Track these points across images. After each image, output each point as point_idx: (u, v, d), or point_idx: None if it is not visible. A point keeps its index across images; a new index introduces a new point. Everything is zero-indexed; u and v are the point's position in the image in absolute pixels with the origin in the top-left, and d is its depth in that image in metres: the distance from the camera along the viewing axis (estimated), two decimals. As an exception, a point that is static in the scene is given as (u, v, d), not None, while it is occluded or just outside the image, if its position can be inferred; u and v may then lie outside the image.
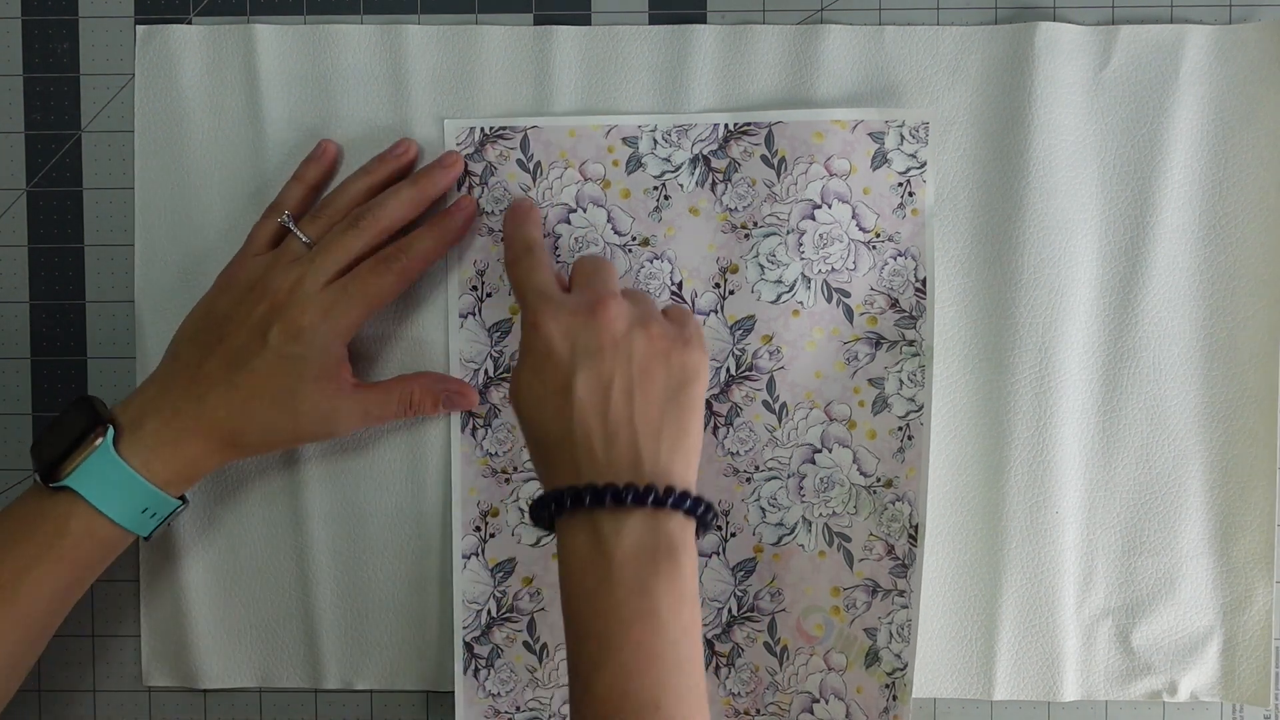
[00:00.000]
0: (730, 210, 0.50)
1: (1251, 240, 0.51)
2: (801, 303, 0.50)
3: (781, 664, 0.51)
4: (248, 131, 0.52)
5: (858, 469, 0.50)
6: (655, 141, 0.50)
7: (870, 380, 0.50)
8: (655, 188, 0.50)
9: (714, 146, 0.50)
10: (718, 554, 0.51)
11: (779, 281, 0.50)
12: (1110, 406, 0.51)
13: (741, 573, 0.51)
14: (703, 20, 0.52)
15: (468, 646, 0.51)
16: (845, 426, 0.50)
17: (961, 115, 0.51)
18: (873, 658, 0.50)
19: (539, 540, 0.51)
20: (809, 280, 0.50)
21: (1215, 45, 0.50)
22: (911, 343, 0.50)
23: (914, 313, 0.50)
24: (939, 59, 0.51)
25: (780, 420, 0.50)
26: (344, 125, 0.52)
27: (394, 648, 0.53)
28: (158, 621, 0.53)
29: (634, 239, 0.50)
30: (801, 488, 0.50)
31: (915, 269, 0.50)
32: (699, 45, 0.51)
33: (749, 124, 0.50)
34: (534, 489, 0.50)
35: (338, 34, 0.51)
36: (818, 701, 0.50)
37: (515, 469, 0.51)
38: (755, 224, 0.50)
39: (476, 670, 0.51)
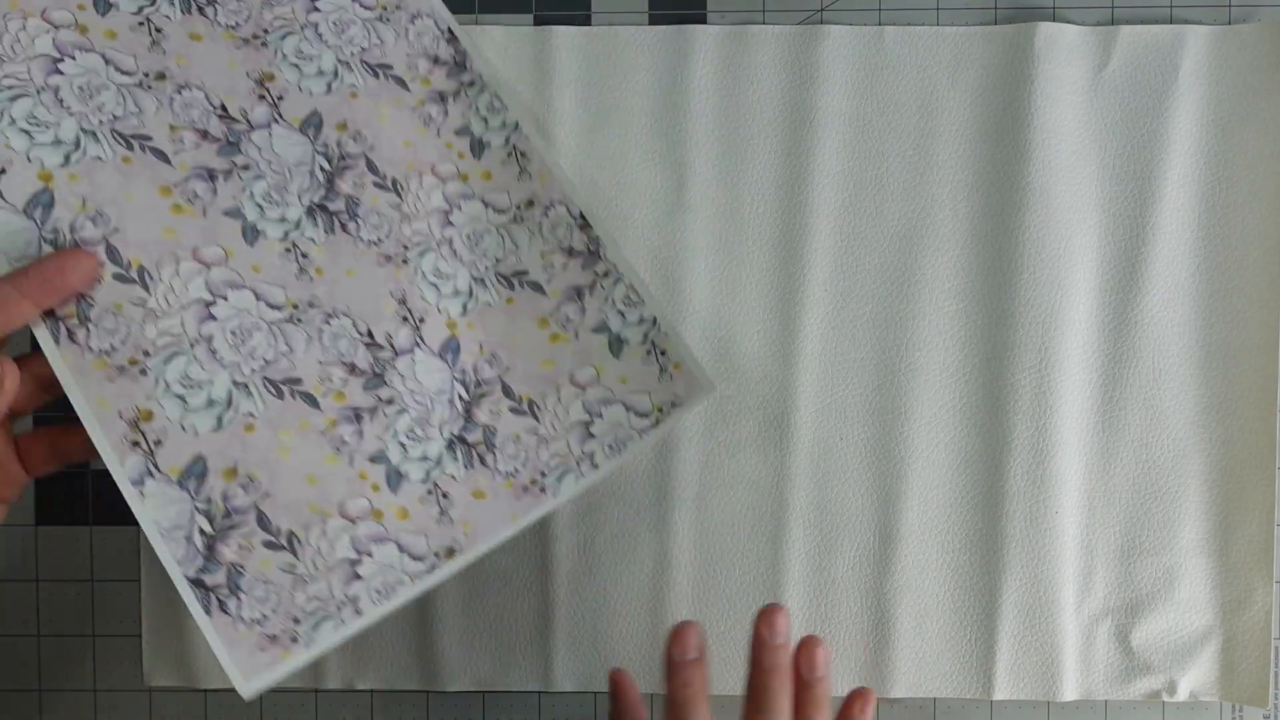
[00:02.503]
0: (232, 28, 0.48)
1: (1250, 241, 0.51)
2: (353, 85, 0.49)
3: (538, 417, 0.48)
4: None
5: (491, 210, 0.50)
6: None
7: (455, 131, 0.50)
8: (140, 24, 0.47)
9: None
10: (418, 347, 0.47)
11: (320, 72, 0.49)
12: (1109, 406, 0.51)
13: (450, 355, 0.48)
14: (703, 20, 0.52)
15: (196, 583, 0.42)
16: (459, 180, 0.49)
17: (961, 115, 0.51)
18: (617, 342, 0.48)
19: (219, 421, 0.43)
20: (347, 64, 0.49)
21: (1214, 46, 0.50)
22: (472, 84, 0.50)
23: (458, 60, 0.50)
24: (938, 60, 0.51)
25: (400, 195, 0.49)
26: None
27: (395, 648, 0.53)
28: (158, 621, 0.53)
29: (146, 75, 0.46)
30: (455, 251, 0.49)
31: (435, 23, 0.50)
32: (698, 46, 0.51)
33: None
34: (182, 365, 0.43)
35: (337, 34, 0.51)
36: (592, 423, 0.48)
37: (146, 353, 0.43)
38: (266, 31, 0.48)
39: (222, 604, 0.42)
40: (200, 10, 0.47)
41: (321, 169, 0.47)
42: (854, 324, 0.51)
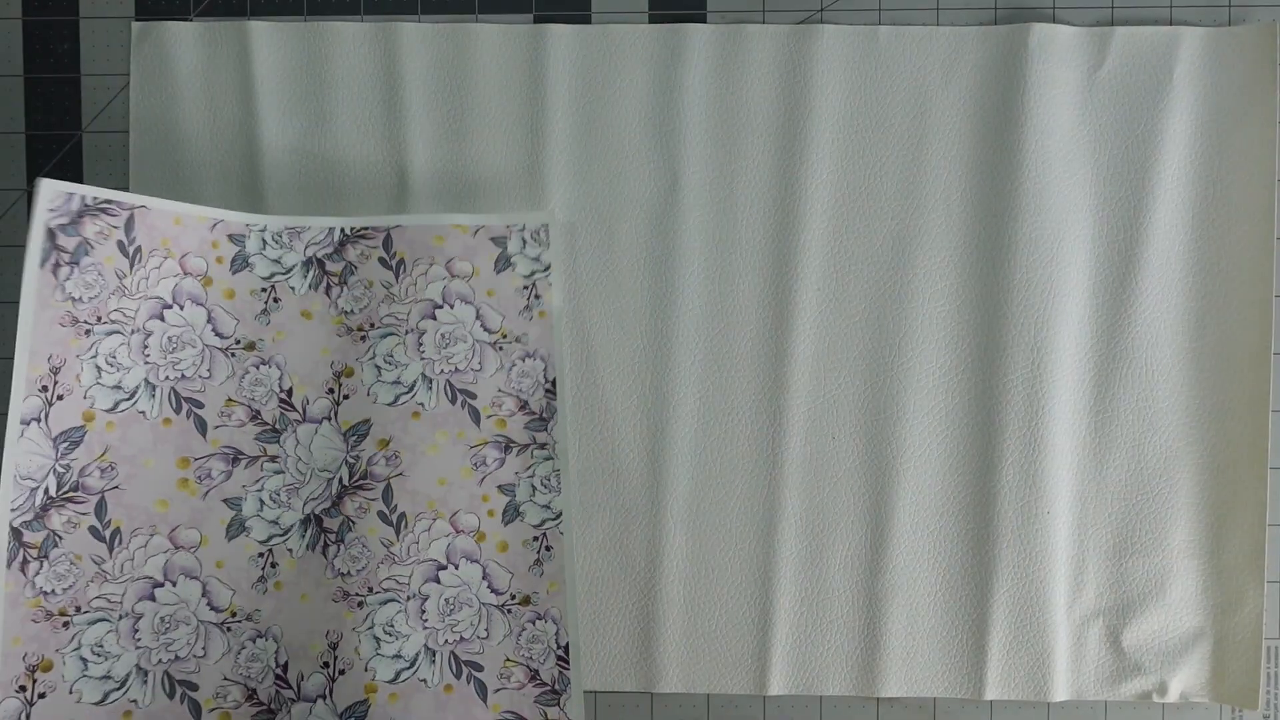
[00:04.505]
0: (346, 313, 0.47)
1: (1242, 241, 0.50)
2: (422, 404, 0.47)
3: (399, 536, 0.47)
4: (241, 128, 0.52)
5: (488, 586, 0.47)
6: (265, 242, 0.47)
7: (500, 487, 0.47)
8: (264, 289, 0.47)
9: (329, 250, 0.47)
10: (323, 698, 0.45)
11: (397, 382, 0.47)
12: (1102, 407, 0.51)
13: (352, 718, 0.45)
14: (703, 19, 0.52)
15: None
16: (473, 539, 0.46)
17: (955, 115, 0.51)
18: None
19: (104, 697, 0.44)
20: (430, 380, 0.47)
21: (1207, 47, 0.50)
22: (544, 445, 0.47)
23: (544, 414, 0.47)
24: (932, 59, 0.51)
25: (399, 533, 0.46)
26: (337, 122, 0.52)
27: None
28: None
29: (238, 342, 0.46)
30: (424, 611, 0.46)
31: (545, 370, 0.47)
32: (694, 44, 0.51)
33: (366, 228, 0.48)
34: (102, 632, 0.44)
35: (332, 31, 0.52)
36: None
37: (79, 609, 0.43)
38: (373, 325, 0.47)
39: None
40: (327, 290, 0.47)
41: (340, 481, 0.46)
42: (846, 323, 0.51)
